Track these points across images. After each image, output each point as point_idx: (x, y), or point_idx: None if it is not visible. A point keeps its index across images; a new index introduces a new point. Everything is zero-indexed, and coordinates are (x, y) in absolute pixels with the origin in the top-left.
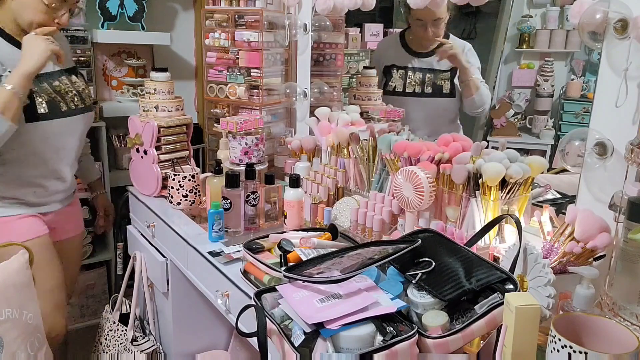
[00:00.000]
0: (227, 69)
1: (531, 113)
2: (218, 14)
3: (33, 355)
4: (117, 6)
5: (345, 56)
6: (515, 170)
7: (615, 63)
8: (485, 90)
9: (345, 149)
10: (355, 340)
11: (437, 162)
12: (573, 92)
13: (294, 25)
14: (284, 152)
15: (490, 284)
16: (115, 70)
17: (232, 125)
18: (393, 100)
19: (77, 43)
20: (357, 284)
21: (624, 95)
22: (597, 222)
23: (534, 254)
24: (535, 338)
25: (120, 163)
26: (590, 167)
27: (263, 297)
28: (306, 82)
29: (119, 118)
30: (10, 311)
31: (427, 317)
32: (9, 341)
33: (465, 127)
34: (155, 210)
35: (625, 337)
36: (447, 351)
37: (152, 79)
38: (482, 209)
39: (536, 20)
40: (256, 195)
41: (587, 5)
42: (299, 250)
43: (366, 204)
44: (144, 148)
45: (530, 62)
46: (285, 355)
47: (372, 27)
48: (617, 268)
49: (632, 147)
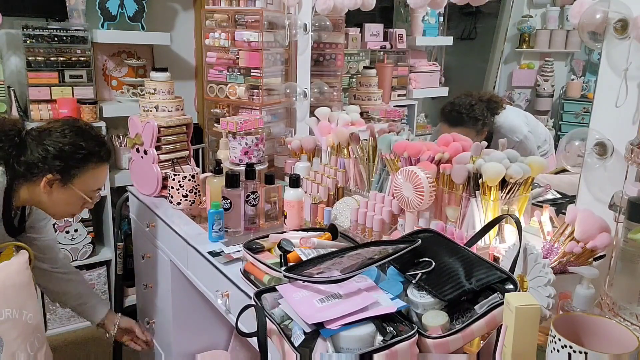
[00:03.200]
0: (227, 69)
1: (531, 113)
2: (218, 14)
3: (33, 355)
4: (117, 6)
5: (345, 56)
6: (515, 170)
7: (615, 63)
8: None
9: (345, 149)
10: (355, 340)
11: (437, 162)
12: (573, 92)
13: (294, 25)
14: (284, 152)
15: (490, 284)
16: (115, 70)
17: (232, 125)
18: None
19: (77, 43)
20: (357, 284)
21: (624, 95)
22: (597, 222)
23: (534, 254)
24: (535, 338)
25: (120, 163)
26: (590, 167)
27: (263, 297)
28: (306, 82)
29: (119, 118)
30: (10, 311)
31: (427, 317)
32: (8, 341)
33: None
34: (155, 210)
35: (625, 337)
36: (447, 351)
37: (152, 79)
38: (482, 209)
39: (536, 20)
40: (256, 195)
41: (587, 5)
42: (299, 250)
43: (366, 204)
44: (144, 148)
45: (530, 62)
46: (285, 355)
47: (372, 27)
48: (617, 268)
49: (632, 147)
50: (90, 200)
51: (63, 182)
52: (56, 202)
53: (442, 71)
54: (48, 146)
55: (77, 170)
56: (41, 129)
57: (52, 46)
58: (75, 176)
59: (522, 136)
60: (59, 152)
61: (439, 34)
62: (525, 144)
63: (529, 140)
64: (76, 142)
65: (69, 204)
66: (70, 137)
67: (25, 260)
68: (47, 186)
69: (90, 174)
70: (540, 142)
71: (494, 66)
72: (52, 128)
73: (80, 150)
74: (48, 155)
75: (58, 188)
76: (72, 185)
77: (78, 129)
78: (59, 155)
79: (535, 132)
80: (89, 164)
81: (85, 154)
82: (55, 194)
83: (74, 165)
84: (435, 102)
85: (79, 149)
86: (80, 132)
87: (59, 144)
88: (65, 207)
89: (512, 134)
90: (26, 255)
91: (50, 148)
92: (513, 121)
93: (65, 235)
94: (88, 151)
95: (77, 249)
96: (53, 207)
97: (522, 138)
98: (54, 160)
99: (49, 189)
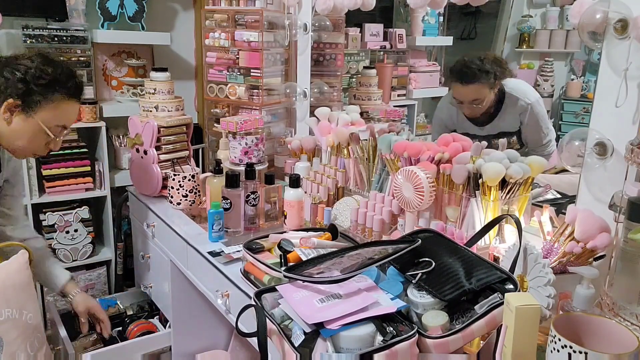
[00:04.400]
0: (227, 69)
1: None
2: (218, 14)
3: (33, 355)
4: (117, 6)
5: (345, 56)
6: (515, 170)
7: (615, 63)
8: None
9: (345, 149)
10: (355, 340)
11: (437, 162)
12: (573, 92)
13: (294, 25)
14: (284, 152)
15: (490, 284)
16: (115, 70)
17: (232, 125)
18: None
19: (77, 43)
20: (357, 284)
21: (624, 95)
22: (597, 222)
23: (534, 254)
24: (535, 338)
25: (120, 163)
26: (590, 167)
27: (263, 297)
28: (306, 82)
29: (119, 118)
30: (10, 311)
31: (427, 317)
32: (8, 341)
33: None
34: (155, 210)
35: (625, 337)
36: (447, 351)
37: (152, 79)
38: (482, 209)
39: (536, 20)
40: (256, 195)
41: (587, 5)
42: (299, 250)
43: (366, 204)
44: (144, 148)
45: (530, 62)
46: (285, 355)
47: (372, 27)
48: (617, 268)
49: (632, 147)
50: (52, 136)
51: (25, 110)
52: (17, 132)
53: (442, 71)
54: (14, 69)
55: (41, 97)
56: (9, 55)
57: (52, 46)
58: (39, 105)
59: (534, 99)
60: (24, 74)
61: (439, 34)
62: (536, 108)
63: (540, 105)
64: (43, 67)
65: (30, 137)
66: (38, 63)
67: (25, 260)
68: (7, 112)
69: (55, 105)
70: (550, 127)
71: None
72: (21, 55)
73: (45, 76)
74: (12, 77)
75: (19, 116)
76: (35, 114)
77: (47, 57)
78: (23, 79)
79: (545, 110)
80: (54, 94)
81: (50, 81)
82: (15, 123)
83: (38, 91)
84: (435, 102)
85: (44, 74)
86: (49, 60)
87: (24, 67)
88: (27, 140)
89: (523, 96)
90: (26, 255)
91: (15, 72)
92: (523, 86)
93: (65, 235)
94: (54, 78)
95: (77, 249)
96: (13, 139)
97: (533, 101)
98: (17, 82)
99: (10, 116)
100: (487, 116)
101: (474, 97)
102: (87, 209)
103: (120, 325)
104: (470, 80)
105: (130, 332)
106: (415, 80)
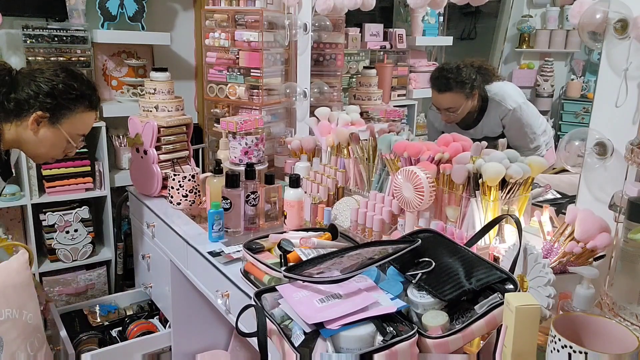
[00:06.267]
0: (227, 69)
1: None
2: (218, 14)
3: (33, 355)
4: (117, 6)
5: (345, 56)
6: (515, 170)
7: (615, 63)
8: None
9: (345, 149)
10: (355, 340)
11: (437, 162)
12: (573, 92)
13: (294, 25)
14: (284, 152)
15: (490, 284)
16: (115, 70)
17: (232, 125)
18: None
19: (77, 43)
20: (357, 284)
21: (624, 95)
22: (597, 222)
23: (534, 254)
24: (535, 338)
25: (120, 163)
26: (590, 167)
27: (263, 297)
28: (306, 82)
29: (119, 118)
30: (10, 311)
31: (427, 317)
32: (8, 341)
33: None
34: (155, 210)
35: (625, 337)
36: (447, 351)
37: (152, 79)
38: (482, 209)
39: (536, 20)
40: (256, 195)
41: (587, 5)
42: (299, 250)
43: (366, 204)
44: (144, 148)
45: (530, 62)
46: (285, 355)
47: (372, 27)
48: (617, 268)
49: (632, 147)
50: (74, 145)
51: (52, 122)
52: (42, 141)
53: None
54: (41, 83)
55: (67, 110)
56: (32, 69)
57: (52, 46)
58: (65, 116)
59: (516, 105)
60: (52, 89)
61: (438, 34)
62: (518, 113)
63: (523, 110)
64: (69, 82)
65: (53, 145)
66: (63, 78)
67: (26, 260)
68: (34, 123)
69: (79, 117)
70: (540, 132)
71: (493, 66)
72: (44, 68)
73: (72, 91)
74: (40, 92)
75: (45, 127)
76: (60, 125)
77: (70, 71)
78: (51, 93)
79: (534, 114)
80: (79, 106)
81: (77, 95)
82: (41, 133)
83: (65, 105)
84: None
85: (71, 89)
86: (73, 74)
87: (52, 82)
88: (50, 148)
89: (505, 101)
90: (26, 255)
91: (42, 85)
92: (508, 90)
93: (65, 235)
94: (80, 92)
95: (77, 249)
96: (37, 147)
97: (515, 106)
98: (46, 97)
99: (36, 126)
100: (471, 120)
101: (448, 105)
102: (87, 209)
103: (120, 325)
104: (444, 89)
105: (130, 332)
106: (415, 80)
